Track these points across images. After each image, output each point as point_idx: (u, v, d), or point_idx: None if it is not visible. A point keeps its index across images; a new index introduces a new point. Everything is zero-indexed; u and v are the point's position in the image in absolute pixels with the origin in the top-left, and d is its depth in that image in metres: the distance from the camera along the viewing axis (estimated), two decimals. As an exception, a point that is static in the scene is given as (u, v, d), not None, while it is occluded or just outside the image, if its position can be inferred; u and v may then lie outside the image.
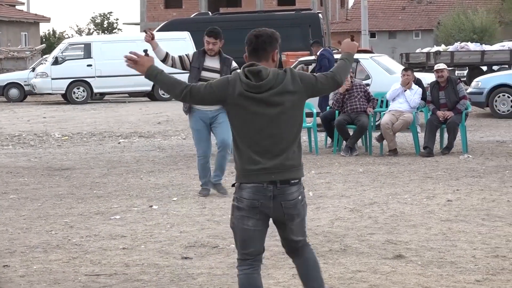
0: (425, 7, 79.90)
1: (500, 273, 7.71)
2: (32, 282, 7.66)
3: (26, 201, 12.03)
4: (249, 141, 5.98)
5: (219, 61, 11.94)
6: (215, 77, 11.15)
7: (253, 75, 5.93)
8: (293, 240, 6.26)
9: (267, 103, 5.92)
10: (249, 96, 5.92)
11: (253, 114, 5.92)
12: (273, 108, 5.92)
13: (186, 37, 36.69)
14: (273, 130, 5.95)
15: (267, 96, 5.92)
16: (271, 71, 5.96)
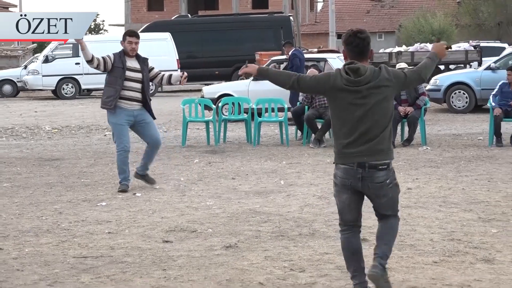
0: (387, 10, 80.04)
1: (455, 255, 7.75)
2: (24, 264, 7.64)
3: (18, 189, 12.00)
4: (347, 128, 6.40)
5: (138, 61, 11.72)
6: (138, 76, 11.54)
7: (353, 72, 6.36)
8: (382, 213, 6.75)
9: (365, 96, 6.37)
10: (349, 90, 6.37)
11: (352, 104, 6.37)
12: (370, 99, 6.37)
13: (168, 38, 36.71)
14: (368, 119, 6.38)
15: (365, 89, 6.36)
16: (369, 68, 6.38)
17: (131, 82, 11.50)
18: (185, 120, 17.58)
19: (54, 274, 7.26)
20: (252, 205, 10.37)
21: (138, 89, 11.58)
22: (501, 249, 7.92)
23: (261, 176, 12.90)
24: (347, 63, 6.48)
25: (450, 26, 62.12)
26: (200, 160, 14.90)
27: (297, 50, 21.36)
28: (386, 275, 6.44)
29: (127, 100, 11.52)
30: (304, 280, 6.94)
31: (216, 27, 41.44)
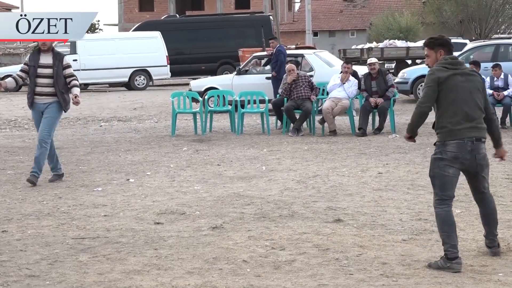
0: (359, 10, 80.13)
1: (422, 233, 7.77)
2: (27, 245, 7.61)
3: (21, 176, 11.94)
4: (456, 108, 6.74)
5: (52, 56, 10.98)
6: (49, 72, 10.89)
7: (453, 59, 6.92)
8: (480, 190, 6.97)
9: (466, 79, 6.83)
10: (454, 73, 6.80)
11: (459, 86, 6.78)
12: (468, 83, 6.82)
13: (158, 36, 36.63)
14: (471, 101, 6.79)
15: (464, 72, 6.88)
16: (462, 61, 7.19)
17: (42, 79, 10.94)
18: (174, 111, 17.57)
19: (54, 254, 7.24)
20: (236, 189, 10.37)
21: (49, 84, 10.92)
22: (464, 228, 7.95)
23: (244, 162, 12.90)
24: (448, 57, 6.96)
25: (416, 24, 62.28)
26: (188, 148, 14.88)
27: (281, 47, 21.35)
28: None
29: (40, 96, 10.98)
30: (284, 258, 6.94)
31: (202, 26, 41.36)
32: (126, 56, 35.96)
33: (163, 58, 36.42)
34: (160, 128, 18.88)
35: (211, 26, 41.13)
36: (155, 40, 36.53)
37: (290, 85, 16.95)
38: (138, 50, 36.22)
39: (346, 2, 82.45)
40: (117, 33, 55.80)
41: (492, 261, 6.72)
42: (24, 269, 6.76)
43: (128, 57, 35.96)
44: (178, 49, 38.31)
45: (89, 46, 36.21)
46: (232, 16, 45.82)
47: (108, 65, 35.76)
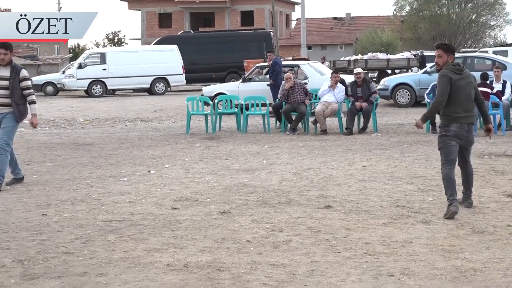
0: (347, 27, 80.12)
1: (400, 218, 7.77)
2: (63, 226, 7.62)
3: (58, 168, 11.96)
4: (459, 103, 8.00)
5: (10, 69, 9.89)
6: (5, 84, 9.88)
7: (459, 66, 8.15)
8: (466, 159, 8.32)
9: (466, 82, 8.06)
10: (459, 77, 8.01)
11: (461, 88, 8.00)
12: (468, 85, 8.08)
13: (174, 49, 36.68)
14: (470, 98, 8.11)
15: (465, 77, 8.08)
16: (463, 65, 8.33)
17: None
18: (189, 113, 17.59)
19: (86, 234, 7.25)
20: (241, 180, 10.37)
21: (6, 95, 9.92)
22: (436, 213, 7.95)
23: (248, 157, 12.90)
24: (453, 63, 8.14)
25: (396, 39, 62.26)
26: (200, 145, 14.88)
27: (277, 58, 21.30)
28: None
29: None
30: (282, 238, 6.95)
31: (212, 40, 41.37)
32: (148, 66, 35.99)
33: (179, 68, 36.46)
34: (176, 128, 18.88)
35: (220, 40, 41.13)
36: (172, 53, 36.57)
37: (288, 91, 16.96)
38: (158, 61, 36.26)
39: (335, 20, 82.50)
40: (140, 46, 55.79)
41: (459, 242, 6.73)
42: (61, 247, 6.77)
43: (149, 67, 35.99)
44: (192, 60, 38.30)
45: (116, 57, 36.34)
46: (238, 32, 45.78)
47: (132, 73, 35.79)
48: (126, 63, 35.96)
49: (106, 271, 5.97)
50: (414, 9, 65.66)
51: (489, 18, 66.88)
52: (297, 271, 5.89)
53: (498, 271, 5.81)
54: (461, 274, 5.74)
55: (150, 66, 36.02)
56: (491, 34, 69.69)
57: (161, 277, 5.77)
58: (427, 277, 5.67)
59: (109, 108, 27.29)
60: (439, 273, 5.76)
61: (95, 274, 5.89)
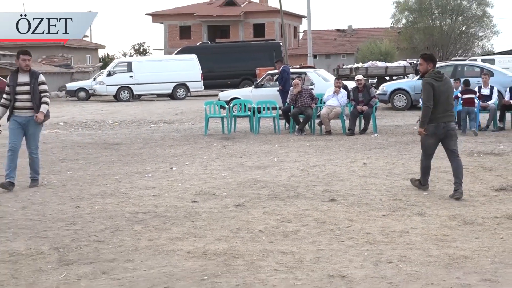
0: (349, 38, 79.91)
1: (397, 210, 7.75)
2: (94, 217, 7.65)
3: (90, 165, 12.00)
4: (439, 105, 8.38)
5: (29, 75, 9.57)
6: (26, 89, 9.50)
7: (439, 73, 8.53)
8: (451, 150, 8.57)
9: (445, 87, 8.47)
10: (439, 84, 8.40)
11: (441, 92, 8.40)
12: (447, 89, 8.50)
13: (194, 58, 36.76)
14: (449, 100, 8.51)
15: (444, 83, 8.49)
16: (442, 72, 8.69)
17: (20, 95, 9.52)
18: (207, 116, 17.60)
19: (115, 225, 7.27)
20: (254, 176, 10.37)
21: (28, 99, 9.52)
22: (430, 206, 7.92)
23: (260, 155, 12.89)
24: (435, 71, 8.51)
25: (393, 49, 62.12)
26: (217, 144, 14.89)
27: (286, 66, 21.27)
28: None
29: (19, 110, 9.55)
30: (291, 228, 6.94)
31: (228, 50, 41.41)
32: (170, 73, 36.08)
33: (198, 75, 36.51)
34: (195, 129, 18.90)
35: (235, 50, 41.16)
36: (192, 61, 36.64)
37: (296, 96, 16.95)
38: (179, 69, 36.33)
39: (338, 32, 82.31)
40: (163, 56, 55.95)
41: (451, 232, 6.70)
42: (93, 235, 6.79)
43: (171, 74, 36.08)
44: (209, 68, 38.36)
45: (142, 66, 36.48)
46: (251, 43, 45.81)
47: (156, 80, 35.87)
48: (150, 71, 36.05)
49: (133, 257, 5.99)
50: (409, 22, 65.41)
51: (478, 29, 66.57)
52: (304, 258, 5.88)
53: (487, 258, 5.79)
54: (453, 261, 5.72)
55: (172, 73, 36.10)
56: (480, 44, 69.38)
57: (182, 263, 5.78)
58: (422, 263, 5.66)
59: (135, 111, 27.35)
60: (433, 260, 5.74)
61: (123, 260, 5.91)
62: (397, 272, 5.43)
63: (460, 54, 62.54)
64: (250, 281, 5.26)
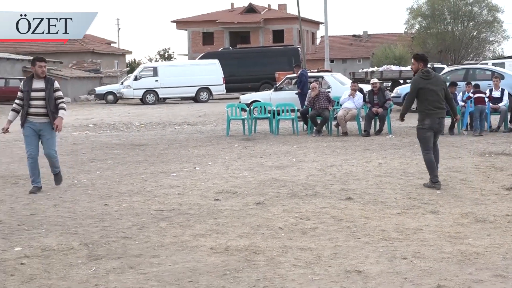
0: (364, 43, 79.62)
1: (412, 208, 7.69)
2: (122, 215, 7.67)
3: (118, 165, 12.05)
4: (429, 101, 8.87)
5: (44, 82, 9.14)
6: (41, 95, 9.10)
7: (428, 72, 8.93)
8: (435, 143, 9.12)
9: (435, 84, 8.88)
10: (427, 82, 8.82)
11: (430, 90, 8.85)
12: (437, 87, 8.87)
13: (216, 63, 36.84)
14: (439, 97, 8.90)
15: (433, 81, 8.88)
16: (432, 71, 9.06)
17: (35, 101, 9.12)
18: (228, 118, 17.61)
19: (142, 222, 7.28)
20: (274, 175, 10.35)
21: (42, 105, 9.13)
22: (443, 204, 7.86)
23: (279, 155, 12.88)
24: (423, 70, 8.93)
25: (407, 53, 61.74)
26: (238, 145, 14.90)
27: (304, 70, 21.27)
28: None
29: (33, 116, 9.17)
30: (309, 226, 6.92)
31: (248, 55, 41.45)
32: (193, 77, 36.19)
33: (220, 79, 36.58)
34: (218, 130, 18.92)
35: (255, 55, 41.20)
36: (214, 66, 36.72)
37: (313, 99, 16.92)
38: (202, 73, 36.42)
39: (354, 37, 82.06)
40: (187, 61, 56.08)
41: (464, 229, 6.64)
42: (120, 232, 6.81)
43: (194, 78, 36.18)
44: (231, 72, 38.41)
45: (166, 70, 36.61)
46: (271, 48, 45.79)
47: (180, 84, 35.98)
48: (175, 75, 36.17)
49: (158, 253, 6.00)
50: (422, 27, 65.05)
51: (489, 34, 66.10)
52: (322, 254, 5.85)
53: (498, 255, 5.73)
54: (466, 257, 5.67)
55: (195, 77, 36.21)
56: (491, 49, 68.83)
57: (205, 259, 5.78)
58: (435, 260, 5.61)
59: (160, 113, 27.44)
60: (446, 256, 5.69)
61: (149, 255, 5.92)
62: (412, 268, 5.38)
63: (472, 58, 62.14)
64: (270, 276, 5.25)
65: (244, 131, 17.55)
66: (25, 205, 8.31)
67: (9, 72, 40.86)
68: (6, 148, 15.18)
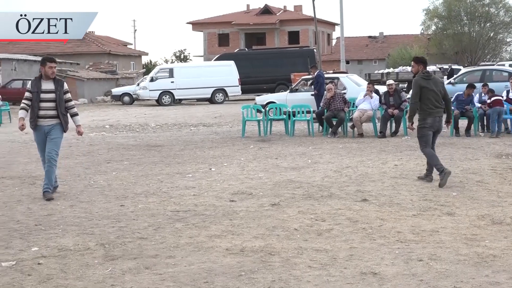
0: (380, 44, 79.43)
1: (427, 210, 7.66)
2: (138, 215, 7.70)
3: (134, 166, 12.09)
4: (430, 100, 9.26)
5: (53, 82, 8.87)
6: (51, 96, 8.81)
7: (428, 73, 9.44)
8: (434, 141, 9.57)
9: (434, 84, 9.36)
10: (428, 82, 9.30)
11: (431, 90, 9.29)
12: (436, 87, 9.35)
13: (232, 64, 36.85)
14: (438, 96, 9.34)
15: (433, 81, 9.37)
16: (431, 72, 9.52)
17: (45, 103, 8.83)
18: (244, 119, 17.62)
19: (157, 222, 7.30)
20: (289, 176, 10.35)
21: (52, 107, 8.83)
22: (459, 206, 7.82)
23: (295, 156, 12.87)
24: (424, 71, 9.43)
25: (423, 54, 61.38)
26: (254, 146, 14.90)
27: (320, 72, 21.25)
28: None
29: (42, 118, 8.88)
30: (325, 227, 6.90)
31: (264, 56, 41.41)
32: (209, 79, 36.23)
33: (235, 80, 36.60)
34: (233, 132, 18.93)
35: (271, 56, 41.15)
36: (230, 67, 36.74)
37: (329, 100, 16.90)
38: (217, 75, 36.45)
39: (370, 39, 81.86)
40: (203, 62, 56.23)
41: (480, 231, 6.60)
42: (136, 232, 6.84)
43: (210, 80, 36.23)
44: (246, 74, 38.40)
45: (182, 72, 36.68)
46: (286, 49, 45.76)
47: (196, 85, 36.05)
48: (190, 77, 36.24)
49: (174, 254, 6.01)
50: (439, 28, 64.72)
51: (506, 35, 65.63)
52: (338, 255, 5.84)
53: (515, 257, 5.68)
54: (482, 259, 5.63)
55: (210, 79, 36.26)
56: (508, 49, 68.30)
57: (221, 260, 5.79)
58: (452, 262, 5.58)
59: (176, 115, 27.51)
60: (462, 259, 5.66)
61: (165, 256, 5.93)
62: (428, 270, 5.36)
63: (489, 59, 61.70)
64: (286, 277, 5.24)
65: (260, 132, 17.55)
66: (42, 206, 8.36)
67: (27, 74, 41.12)
68: (23, 148, 15.29)
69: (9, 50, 50.73)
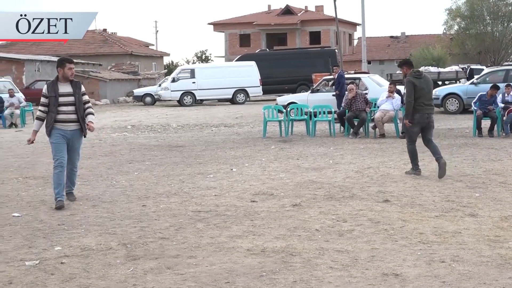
0: (402, 44, 78.92)
1: (450, 211, 7.60)
2: (160, 215, 7.73)
3: (155, 166, 12.14)
4: (420, 98, 9.77)
5: (71, 85, 8.45)
6: (71, 100, 8.39)
7: (418, 72, 9.93)
8: (428, 138, 10.04)
9: (425, 83, 9.87)
10: (419, 80, 9.78)
11: (422, 88, 9.80)
12: (426, 86, 9.88)
13: (253, 65, 36.88)
14: (429, 94, 9.91)
15: (424, 80, 9.86)
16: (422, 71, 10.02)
17: (64, 107, 8.40)
18: (265, 120, 17.62)
19: (179, 223, 7.32)
20: (310, 177, 10.33)
21: (73, 111, 8.43)
22: (482, 208, 7.75)
23: (316, 157, 12.84)
24: (415, 70, 9.95)
25: (445, 54, 61.02)
26: (275, 147, 14.89)
27: (342, 72, 21.21)
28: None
29: (62, 123, 8.43)
30: (346, 228, 6.88)
31: (285, 57, 41.39)
32: (230, 79, 36.30)
33: (257, 81, 36.62)
34: (254, 132, 18.94)
35: (292, 57, 41.11)
36: (251, 68, 36.78)
37: (351, 100, 16.84)
38: (238, 75, 36.50)
39: (392, 39, 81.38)
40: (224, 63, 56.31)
41: (503, 233, 6.54)
42: (158, 233, 6.86)
43: (231, 80, 36.29)
44: (267, 74, 38.40)
45: (204, 72, 36.80)
46: (308, 50, 45.68)
47: (217, 86, 36.13)
48: (212, 77, 36.33)
49: (195, 254, 6.03)
50: (461, 28, 64.17)
51: (529, 35, 64.94)
52: (359, 256, 5.82)
53: (539, 259, 5.62)
54: (505, 261, 5.57)
55: (232, 79, 36.32)
56: (531, 49, 67.61)
57: (242, 260, 5.79)
58: (474, 263, 5.53)
59: (197, 115, 27.59)
60: (485, 260, 5.61)
61: (186, 256, 5.95)
62: (450, 272, 5.32)
63: (512, 59, 61.08)
64: (307, 278, 5.23)
65: (281, 133, 17.54)
66: (65, 205, 8.42)
67: (50, 75, 41.47)
68: (47, 148, 15.42)
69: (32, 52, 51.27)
